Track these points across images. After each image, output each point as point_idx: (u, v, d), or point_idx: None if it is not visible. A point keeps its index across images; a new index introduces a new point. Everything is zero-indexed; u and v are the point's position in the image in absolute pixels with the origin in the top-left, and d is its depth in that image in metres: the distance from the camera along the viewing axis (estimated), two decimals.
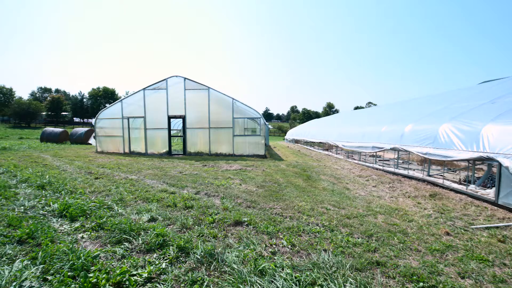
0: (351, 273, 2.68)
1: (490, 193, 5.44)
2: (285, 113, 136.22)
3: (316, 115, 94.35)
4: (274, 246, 3.29)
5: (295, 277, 2.53)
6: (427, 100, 12.92)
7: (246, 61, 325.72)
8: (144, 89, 13.56)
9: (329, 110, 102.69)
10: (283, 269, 2.70)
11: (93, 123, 14.39)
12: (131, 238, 3.34)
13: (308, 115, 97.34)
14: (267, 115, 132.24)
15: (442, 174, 7.66)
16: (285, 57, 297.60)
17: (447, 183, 6.70)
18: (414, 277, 2.67)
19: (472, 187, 6.00)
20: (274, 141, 32.59)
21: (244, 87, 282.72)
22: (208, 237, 3.48)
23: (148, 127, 13.61)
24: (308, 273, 2.63)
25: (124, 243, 3.23)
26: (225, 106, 13.32)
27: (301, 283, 2.46)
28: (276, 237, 3.55)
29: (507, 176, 4.98)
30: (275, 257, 2.97)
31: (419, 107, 11.23)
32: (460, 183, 6.51)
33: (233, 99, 13.23)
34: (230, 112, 13.26)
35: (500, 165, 5.11)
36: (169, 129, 13.63)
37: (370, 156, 11.79)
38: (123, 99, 13.98)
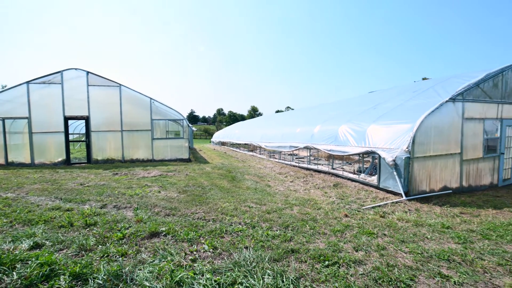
0: (269, 265, 2.80)
1: (374, 179, 6.82)
2: (212, 116, 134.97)
3: (242, 118, 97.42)
4: (194, 253, 3.12)
5: (215, 281, 2.45)
6: (331, 105, 15.25)
7: (168, 61, 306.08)
8: (28, 82, 10.72)
9: (254, 113, 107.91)
10: (203, 275, 2.57)
11: None
12: (0, 275, 2.52)
13: (234, 118, 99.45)
14: (193, 117, 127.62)
15: (342, 167, 9.14)
16: (211, 59, 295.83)
17: (345, 174, 8.04)
18: (322, 258, 3.03)
19: (362, 175, 7.39)
20: (200, 144, 31.67)
21: (167, 89, 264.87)
22: (116, 256, 2.99)
23: (35, 131, 10.83)
24: (229, 273, 2.60)
25: None
26: (142, 107, 12.01)
27: (221, 286, 2.40)
28: (197, 243, 3.38)
29: (384, 165, 6.36)
30: (195, 264, 2.81)
31: (325, 111, 13.12)
32: (354, 173, 7.92)
33: (151, 98, 12.09)
34: (148, 113, 12.05)
35: (379, 156, 6.48)
36: (67, 133, 11.24)
37: (288, 154, 12.96)
38: None
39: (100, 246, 3.21)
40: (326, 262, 2.93)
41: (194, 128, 29.17)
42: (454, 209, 5.15)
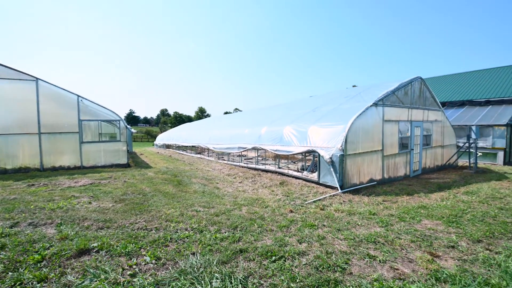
0: (218, 268, 2.75)
1: (315, 176, 7.42)
2: (155, 117, 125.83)
3: (189, 119, 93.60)
4: (134, 266, 2.83)
5: None
6: (277, 107, 15.98)
7: (103, 57, 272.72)
8: None
9: (201, 114, 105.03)
10: None
11: None
12: None
13: (180, 119, 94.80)
14: (132, 118, 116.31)
15: (287, 166, 9.67)
16: (151, 56, 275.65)
17: (290, 172, 8.53)
18: (269, 254, 3.13)
19: (305, 173, 7.96)
20: (141, 147, 29.08)
21: (103, 87, 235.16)
22: (32, 282, 2.49)
23: None
24: (174, 283, 2.45)
25: None
26: (67, 105, 10.35)
27: None
28: (137, 256, 3.08)
29: (323, 162, 6.98)
30: (135, 279, 2.56)
31: (271, 113, 13.67)
32: (298, 171, 8.47)
33: (78, 96, 10.53)
34: (75, 113, 10.46)
35: (319, 155, 7.08)
36: None
37: (237, 156, 13.02)
38: None
39: (10, 273, 2.63)
40: (273, 258, 3.04)
41: (133, 130, 26.58)
42: (378, 197, 6.00)
